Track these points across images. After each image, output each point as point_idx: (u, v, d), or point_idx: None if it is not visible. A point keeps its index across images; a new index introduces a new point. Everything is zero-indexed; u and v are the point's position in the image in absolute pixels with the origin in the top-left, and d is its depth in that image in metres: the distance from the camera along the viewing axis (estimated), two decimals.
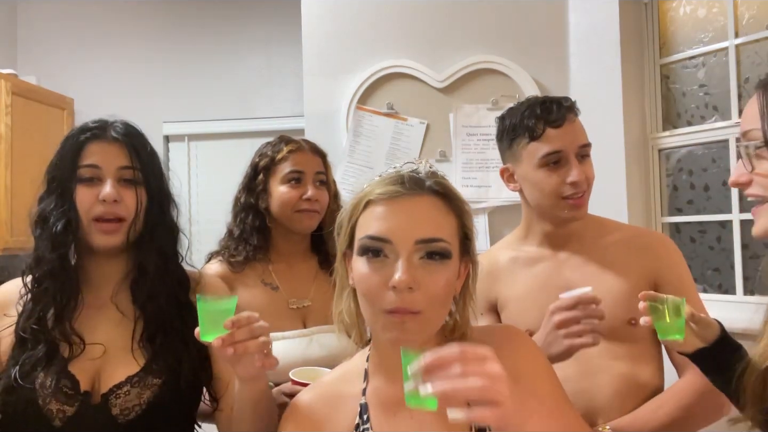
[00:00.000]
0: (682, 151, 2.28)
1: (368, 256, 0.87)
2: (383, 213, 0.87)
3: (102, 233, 1.12)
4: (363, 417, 0.91)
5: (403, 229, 0.86)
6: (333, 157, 2.39)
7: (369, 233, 0.87)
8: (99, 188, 1.12)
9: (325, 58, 2.50)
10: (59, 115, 3.49)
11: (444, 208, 0.89)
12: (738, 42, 2.12)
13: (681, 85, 2.30)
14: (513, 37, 2.40)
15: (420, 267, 0.85)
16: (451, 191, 0.92)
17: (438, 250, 0.86)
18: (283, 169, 1.55)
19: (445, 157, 2.40)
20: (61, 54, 3.73)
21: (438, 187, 0.90)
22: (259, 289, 1.53)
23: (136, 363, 1.11)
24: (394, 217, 0.87)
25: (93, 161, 1.13)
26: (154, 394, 1.10)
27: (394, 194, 0.88)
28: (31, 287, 1.13)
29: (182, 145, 3.71)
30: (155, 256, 1.17)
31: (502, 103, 2.33)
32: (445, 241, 0.87)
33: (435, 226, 0.87)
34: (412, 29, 2.46)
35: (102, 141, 1.15)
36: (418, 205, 0.88)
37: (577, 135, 1.30)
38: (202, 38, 3.67)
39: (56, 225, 1.12)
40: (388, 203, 0.88)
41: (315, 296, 1.55)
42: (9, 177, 3.06)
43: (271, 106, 3.61)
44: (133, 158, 1.16)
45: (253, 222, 1.56)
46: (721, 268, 2.18)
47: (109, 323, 1.15)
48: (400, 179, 0.89)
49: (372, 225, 0.87)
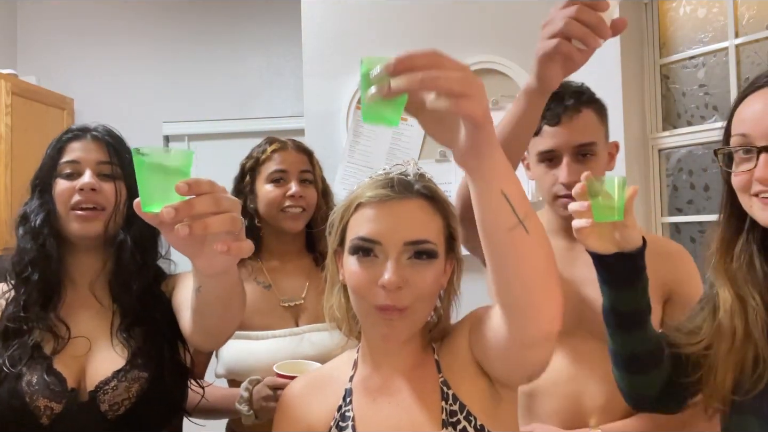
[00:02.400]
0: (682, 151, 2.28)
1: (359, 255, 0.91)
2: (373, 215, 0.92)
3: (79, 220, 1.14)
4: (346, 400, 0.98)
5: (392, 232, 0.90)
6: (333, 157, 2.41)
7: (360, 234, 0.91)
8: (77, 181, 1.15)
9: (325, 58, 2.50)
10: (59, 115, 3.49)
11: (431, 210, 0.93)
12: (738, 42, 2.12)
13: (681, 85, 2.30)
14: (513, 37, 2.40)
15: (408, 266, 0.89)
16: (438, 194, 0.95)
17: (425, 251, 0.90)
18: (268, 168, 1.58)
19: (445, 158, 2.40)
20: (61, 54, 3.73)
21: (425, 190, 0.94)
22: (251, 287, 1.53)
23: (119, 357, 1.12)
24: (383, 220, 0.91)
25: (72, 157, 1.17)
26: (142, 387, 1.10)
27: (383, 197, 0.91)
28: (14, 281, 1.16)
29: (182, 145, 3.71)
30: (133, 249, 1.18)
31: (502, 103, 2.33)
32: (432, 242, 0.91)
33: (422, 228, 0.91)
34: (412, 29, 2.46)
35: (82, 140, 1.19)
36: (406, 208, 0.92)
37: (574, 134, 1.25)
38: (202, 38, 3.67)
39: (36, 219, 1.15)
40: (378, 206, 0.92)
41: (308, 295, 1.56)
42: (9, 177, 3.06)
43: (271, 106, 3.61)
44: (112, 154, 1.19)
45: None
46: None
47: (89, 317, 1.16)
48: (390, 183, 0.93)
49: (363, 227, 0.92)
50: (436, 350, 0.98)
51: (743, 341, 0.92)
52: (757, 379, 0.90)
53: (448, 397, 0.92)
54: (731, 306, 0.94)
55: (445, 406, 0.91)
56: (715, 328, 0.95)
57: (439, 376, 0.95)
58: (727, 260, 0.97)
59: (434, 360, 0.96)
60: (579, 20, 0.91)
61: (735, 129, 0.93)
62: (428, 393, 0.94)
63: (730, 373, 0.93)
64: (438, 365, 0.96)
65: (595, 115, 1.29)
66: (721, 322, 0.95)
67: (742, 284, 0.94)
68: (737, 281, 0.95)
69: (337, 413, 0.97)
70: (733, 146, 0.92)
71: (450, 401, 0.92)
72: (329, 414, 0.98)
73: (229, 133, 3.64)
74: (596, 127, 1.29)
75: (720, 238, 0.98)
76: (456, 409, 0.91)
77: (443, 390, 0.93)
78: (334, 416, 0.97)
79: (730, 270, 0.96)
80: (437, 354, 0.97)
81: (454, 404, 0.91)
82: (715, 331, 0.95)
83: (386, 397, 0.96)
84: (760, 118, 0.89)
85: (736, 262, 0.96)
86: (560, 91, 1.25)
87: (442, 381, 0.94)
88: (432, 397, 0.93)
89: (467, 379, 0.93)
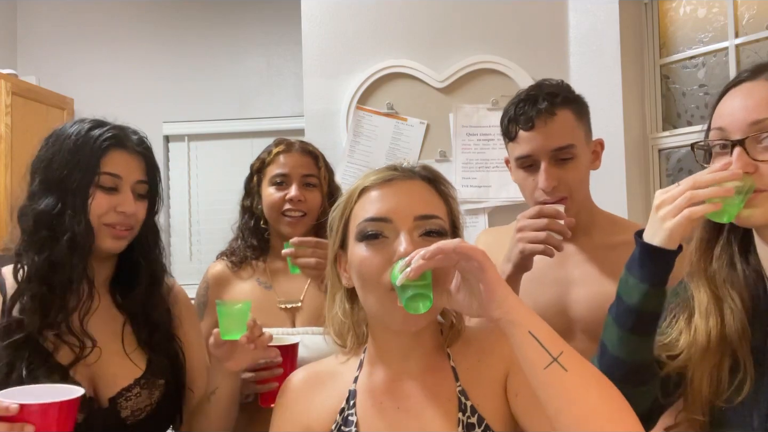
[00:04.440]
0: (682, 151, 2.28)
1: (367, 240, 0.87)
2: (380, 195, 0.90)
3: (113, 238, 1.13)
4: (350, 402, 0.93)
5: (401, 207, 0.88)
6: (333, 157, 2.39)
7: (367, 216, 0.88)
8: (116, 197, 1.13)
9: (325, 58, 2.50)
10: (59, 115, 3.48)
11: (435, 193, 0.93)
12: (738, 42, 2.12)
13: (681, 85, 2.30)
14: (513, 37, 2.40)
15: (420, 243, 0.84)
16: (441, 177, 0.95)
17: (436, 228, 0.88)
18: (271, 171, 1.57)
19: (445, 157, 2.40)
20: (61, 54, 3.73)
21: (427, 173, 0.94)
22: (252, 287, 1.56)
23: (135, 365, 1.12)
24: (391, 197, 0.89)
25: (116, 171, 1.13)
26: (162, 393, 1.13)
27: (388, 177, 0.91)
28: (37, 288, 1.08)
29: (182, 145, 3.71)
30: (144, 258, 1.20)
31: (502, 103, 2.32)
32: (441, 219, 0.90)
33: (431, 204, 0.90)
34: (412, 29, 2.46)
35: (124, 151, 1.15)
36: (413, 186, 0.91)
37: (550, 138, 1.22)
38: (202, 38, 3.67)
39: (77, 228, 1.08)
40: (383, 186, 0.90)
41: (306, 298, 1.57)
42: (9, 177, 3.06)
43: (270, 106, 3.61)
44: (149, 173, 1.19)
45: (247, 223, 1.61)
46: None
47: (98, 323, 1.14)
48: (393, 167, 0.93)
49: (369, 209, 0.89)
50: (451, 356, 0.92)
51: (718, 343, 0.88)
52: (738, 386, 0.86)
53: (466, 408, 0.86)
54: (706, 308, 0.90)
55: (462, 417, 0.86)
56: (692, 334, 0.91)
57: (457, 384, 0.89)
58: (706, 261, 0.94)
59: (450, 366, 0.91)
60: (551, 229, 1.15)
61: (714, 123, 0.91)
62: (443, 401, 0.88)
63: (706, 377, 0.88)
64: (455, 373, 0.90)
65: (572, 116, 1.26)
66: (696, 325, 0.91)
67: (720, 285, 0.91)
68: (716, 282, 0.92)
69: (338, 416, 0.92)
70: (711, 140, 0.90)
71: (468, 413, 0.86)
72: (330, 416, 0.93)
73: (229, 133, 3.64)
74: (573, 129, 1.26)
75: (699, 238, 0.95)
76: (474, 422, 0.85)
77: (461, 400, 0.87)
78: (335, 419, 0.92)
79: (709, 270, 0.93)
80: (453, 360, 0.92)
81: (473, 417, 0.86)
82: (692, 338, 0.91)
83: (394, 402, 0.90)
84: (736, 111, 0.87)
85: (716, 262, 0.93)
86: (534, 92, 1.27)
87: (460, 390, 0.88)
88: (447, 406, 0.87)
89: (491, 397, 0.88)
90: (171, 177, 3.71)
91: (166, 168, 3.71)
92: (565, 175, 1.23)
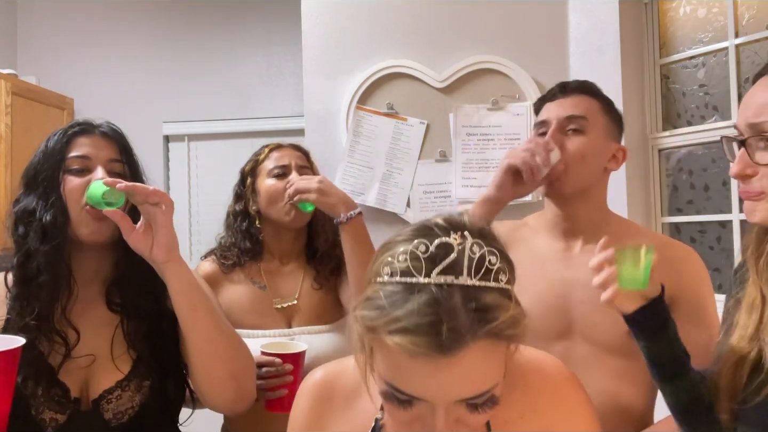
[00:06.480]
0: (682, 151, 2.28)
1: (395, 402, 0.72)
2: (410, 367, 0.68)
3: (94, 219, 1.08)
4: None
5: (439, 390, 0.68)
6: (333, 157, 2.41)
7: (394, 384, 0.70)
8: (88, 177, 1.09)
9: (325, 58, 2.50)
10: (59, 115, 3.48)
11: (494, 349, 0.70)
12: (738, 42, 2.12)
13: (681, 85, 2.30)
14: (513, 37, 2.40)
15: (462, 409, 0.71)
16: (504, 321, 0.68)
17: (485, 402, 0.71)
18: (268, 166, 1.61)
19: (445, 157, 2.40)
20: (61, 54, 3.73)
21: (488, 327, 0.67)
22: (246, 287, 1.57)
23: (123, 365, 1.10)
24: (426, 378, 0.68)
25: (82, 152, 1.11)
26: (145, 396, 1.09)
27: (425, 354, 0.65)
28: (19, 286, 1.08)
29: (182, 145, 3.71)
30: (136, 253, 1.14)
31: (502, 103, 2.33)
32: (494, 388, 0.71)
33: (482, 379, 0.70)
34: (412, 29, 2.46)
35: (90, 135, 1.14)
36: (461, 365, 0.67)
37: (566, 106, 1.30)
38: (202, 38, 3.67)
39: (45, 216, 1.07)
40: (417, 360, 0.66)
41: (302, 296, 1.57)
42: (9, 177, 3.06)
43: (270, 106, 3.61)
44: (122, 153, 1.15)
45: (240, 225, 1.61)
46: (721, 268, 2.18)
47: (92, 323, 1.12)
48: (434, 323, 0.65)
49: (396, 375, 0.70)
50: None
51: (750, 338, 0.88)
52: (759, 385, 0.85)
53: None
54: (753, 300, 0.90)
55: None
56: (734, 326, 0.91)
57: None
58: (757, 254, 0.92)
59: None
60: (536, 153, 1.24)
61: None
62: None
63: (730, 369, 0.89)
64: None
65: (596, 103, 1.31)
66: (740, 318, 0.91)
67: (765, 283, 0.90)
68: (763, 278, 0.90)
69: None
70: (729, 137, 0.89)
71: None
72: None
73: (229, 133, 3.64)
74: (592, 109, 1.30)
75: (756, 231, 0.93)
76: None
77: None
78: None
79: (759, 264, 0.92)
80: None
81: None
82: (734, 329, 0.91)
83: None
84: (745, 108, 0.86)
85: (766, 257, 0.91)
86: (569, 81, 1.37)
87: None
88: None
89: None
90: (171, 177, 3.71)
91: (165, 168, 3.71)
92: (567, 144, 1.27)
